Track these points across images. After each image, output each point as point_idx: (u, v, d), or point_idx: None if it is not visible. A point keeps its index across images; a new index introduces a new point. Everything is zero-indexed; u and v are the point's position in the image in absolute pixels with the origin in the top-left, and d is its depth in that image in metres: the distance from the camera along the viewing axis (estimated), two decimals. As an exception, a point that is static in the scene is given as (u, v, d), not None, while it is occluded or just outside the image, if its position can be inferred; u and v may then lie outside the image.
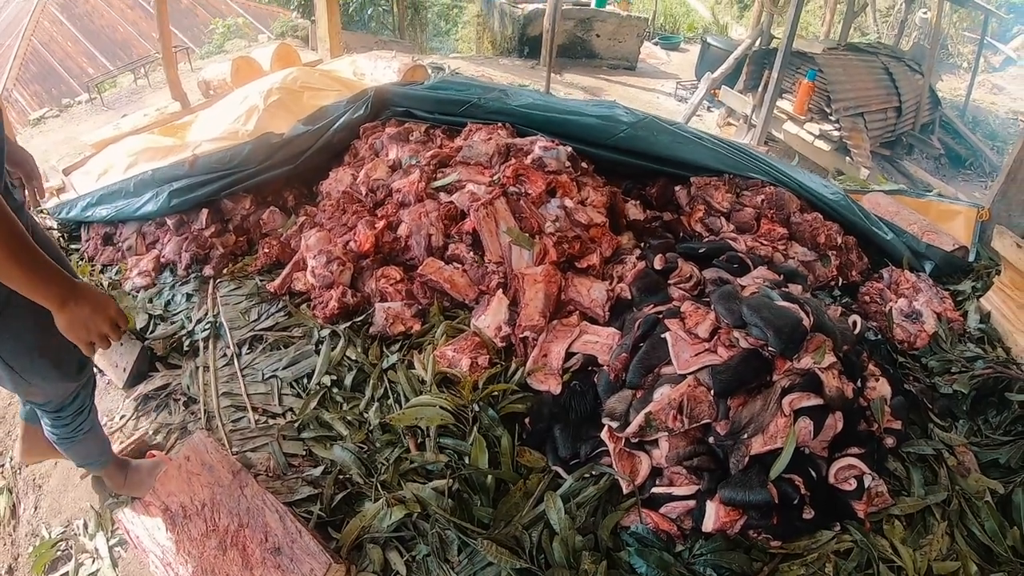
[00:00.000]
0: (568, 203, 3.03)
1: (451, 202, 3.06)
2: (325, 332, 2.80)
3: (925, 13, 14.51)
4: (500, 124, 3.58)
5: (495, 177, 3.12)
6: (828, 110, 8.43)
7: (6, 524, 2.77)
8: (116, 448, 2.48)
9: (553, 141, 3.34)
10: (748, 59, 9.46)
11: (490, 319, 2.64)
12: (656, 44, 15.00)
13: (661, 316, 2.39)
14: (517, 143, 3.36)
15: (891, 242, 3.43)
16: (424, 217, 3.00)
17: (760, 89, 8.64)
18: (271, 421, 2.54)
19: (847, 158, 8.06)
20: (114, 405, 2.84)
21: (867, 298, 3.10)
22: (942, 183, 8.65)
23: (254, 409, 2.58)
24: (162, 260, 3.41)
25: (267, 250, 3.28)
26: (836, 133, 8.26)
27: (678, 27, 17.60)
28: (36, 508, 2.74)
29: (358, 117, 3.82)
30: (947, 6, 11.87)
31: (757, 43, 9.56)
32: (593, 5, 11.85)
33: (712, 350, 2.20)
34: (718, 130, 9.19)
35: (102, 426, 2.33)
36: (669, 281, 2.73)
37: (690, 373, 2.14)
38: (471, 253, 2.88)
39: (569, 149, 3.32)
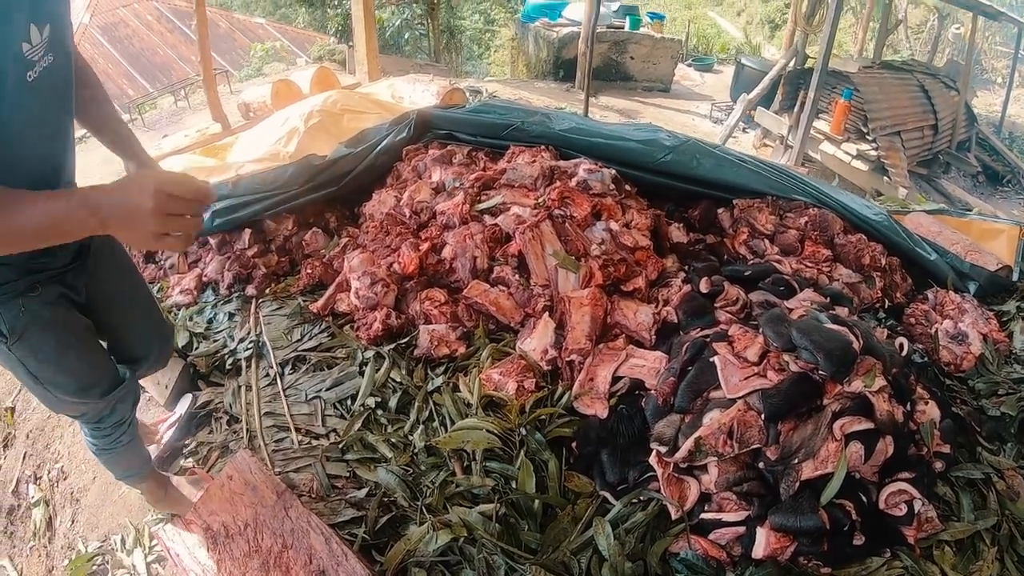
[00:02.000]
0: (613, 226, 3.00)
1: (496, 224, 3.06)
2: (369, 354, 2.79)
3: (958, 28, 14.39)
4: (543, 147, 3.57)
5: (540, 200, 3.11)
6: (865, 129, 8.36)
7: (41, 536, 2.81)
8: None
9: (597, 164, 3.33)
10: (783, 79, 9.42)
11: (536, 342, 2.62)
12: (690, 66, 15.08)
13: (709, 340, 2.36)
14: (561, 166, 3.35)
15: (935, 262, 3.38)
16: (469, 239, 2.99)
17: (796, 109, 8.62)
18: (314, 442, 2.52)
19: (884, 178, 7.97)
20: (155, 421, 2.86)
21: (912, 320, 3.04)
22: (980, 201, 8.55)
23: (297, 430, 2.57)
24: (204, 279, 3.45)
25: (310, 271, 3.29)
26: (873, 153, 8.17)
27: (711, 48, 17.71)
28: (73, 521, 2.77)
29: (401, 139, 3.84)
30: (980, 21, 11.74)
31: (792, 63, 9.52)
32: (627, 28, 11.95)
33: (762, 374, 2.17)
34: (754, 151, 9.16)
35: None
36: (715, 304, 2.70)
37: (740, 397, 2.11)
38: (516, 276, 2.87)
39: (613, 172, 3.31)
